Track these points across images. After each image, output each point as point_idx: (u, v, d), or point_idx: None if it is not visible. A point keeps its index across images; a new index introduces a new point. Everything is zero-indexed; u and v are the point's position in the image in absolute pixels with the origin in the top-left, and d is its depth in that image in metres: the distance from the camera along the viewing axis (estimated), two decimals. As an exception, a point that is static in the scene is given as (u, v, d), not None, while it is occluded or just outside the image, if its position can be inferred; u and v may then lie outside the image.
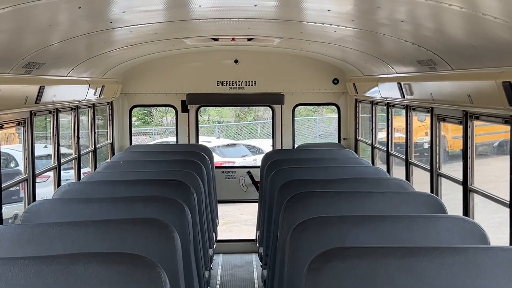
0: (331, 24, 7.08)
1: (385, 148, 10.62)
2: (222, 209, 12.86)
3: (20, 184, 8.59)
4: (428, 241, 4.89)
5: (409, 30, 6.23)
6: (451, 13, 4.77)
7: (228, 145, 26.27)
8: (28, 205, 7.30)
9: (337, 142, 12.79)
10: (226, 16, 7.25)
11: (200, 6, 6.30)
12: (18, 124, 7.97)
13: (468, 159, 7.21)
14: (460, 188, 7.38)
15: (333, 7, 5.97)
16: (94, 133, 11.17)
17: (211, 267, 8.56)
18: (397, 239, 4.89)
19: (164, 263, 4.33)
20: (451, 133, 13.75)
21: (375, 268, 3.89)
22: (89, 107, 10.87)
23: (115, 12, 6.01)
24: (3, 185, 7.17)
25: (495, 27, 4.59)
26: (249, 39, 9.90)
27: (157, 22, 7.32)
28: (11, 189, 8.21)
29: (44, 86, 7.48)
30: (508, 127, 6.00)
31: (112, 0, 5.38)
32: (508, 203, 5.96)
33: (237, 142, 27.88)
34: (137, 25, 7.11)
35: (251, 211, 14.49)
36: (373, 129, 11.42)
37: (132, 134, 12.84)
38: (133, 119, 12.85)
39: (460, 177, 7.38)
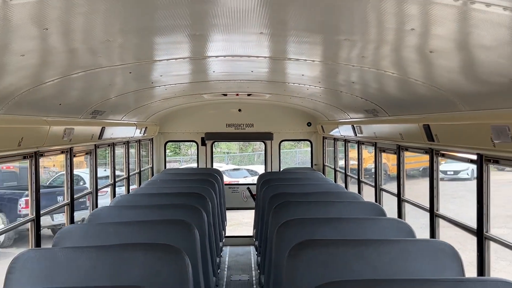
0: (304, 84, 7.12)
1: (343, 171, 10.63)
2: (229, 214, 12.77)
3: (87, 196, 8.58)
4: (373, 235, 4.87)
5: (359, 88, 6.27)
6: (387, 77, 4.83)
7: (234, 169, 26.19)
8: (92, 210, 7.28)
9: (310, 166, 12.80)
10: (232, 78, 7.31)
11: (214, 71, 6.36)
12: (86, 153, 8.00)
13: (401, 179, 7.23)
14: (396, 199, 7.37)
15: (306, 72, 6.02)
16: (139, 160, 11.17)
17: (221, 255, 8.49)
18: (350, 236, 4.86)
19: (187, 251, 4.33)
20: (392, 161, 13.72)
21: (336, 254, 3.91)
22: (136, 142, 10.89)
23: (155, 75, 6.06)
24: (75, 197, 7.18)
25: (417, 86, 4.65)
26: (249, 95, 9.94)
27: (184, 83, 7.37)
28: (80, 200, 8.19)
29: (104, 127, 7.52)
30: (427, 157, 6.05)
31: (153, 67, 5.44)
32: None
33: (240, 167, 27.80)
34: (170, 84, 7.15)
35: (250, 215, 14.41)
36: (335, 158, 11.44)
37: (166, 161, 12.85)
38: (167, 151, 12.84)
39: (398, 191, 7.36)
